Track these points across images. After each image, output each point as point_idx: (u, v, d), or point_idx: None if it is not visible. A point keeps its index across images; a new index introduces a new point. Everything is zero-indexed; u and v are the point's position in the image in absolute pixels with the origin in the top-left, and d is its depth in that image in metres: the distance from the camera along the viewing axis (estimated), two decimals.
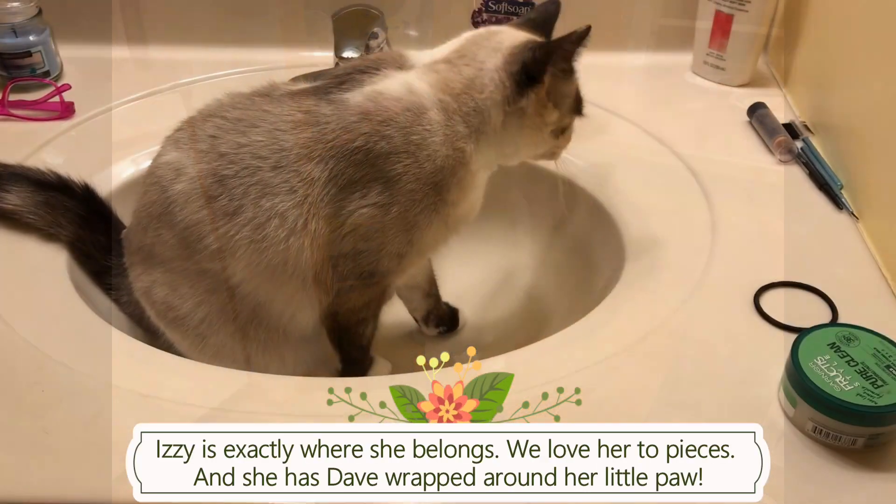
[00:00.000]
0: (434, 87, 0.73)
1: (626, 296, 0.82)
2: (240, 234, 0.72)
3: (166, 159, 0.76)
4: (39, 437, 0.66)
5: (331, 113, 0.71)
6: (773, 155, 0.98)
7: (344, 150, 0.70)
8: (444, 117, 0.72)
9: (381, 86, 0.73)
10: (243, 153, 0.72)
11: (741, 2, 1.06)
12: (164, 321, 0.80)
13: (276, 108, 0.73)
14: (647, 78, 1.14)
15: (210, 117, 0.75)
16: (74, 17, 1.14)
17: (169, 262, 0.77)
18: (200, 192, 0.73)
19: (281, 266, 0.73)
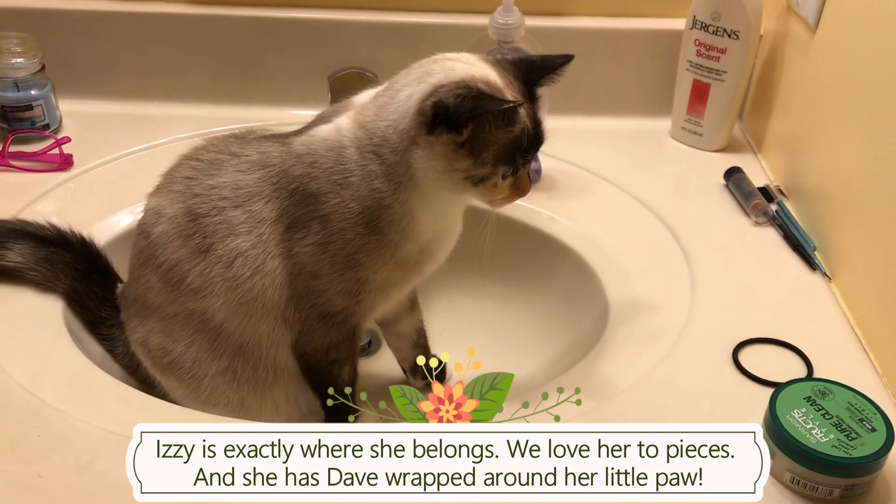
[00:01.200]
0: (354, 122, 0.74)
1: (610, 350, 0.84)
2: (213, 271, 0.75)
3: (149, 205, 0.80)
4: (34, 481, 0.67)
5: (277, 155, 0.75)
6: (749, 217, 1.02)
7: (284, 190, 0.74)
8: (359, 155, 0.72)
9: (317, 130, 0.76)
10: (213, 193, 0.75)
11: (717, 72, 1.11)
12: (160, 367, 0.81)
13: (241, 150, 0.77)
14: (628, 142, 1.18)
15: (187, 160, 0.80)
16: (75, 73, 1.17)
17: (161, 309, 0.79)
18: (178, 233, 0.76)
19: (253, 303, 0.76)
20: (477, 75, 0.71)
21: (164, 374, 0.82)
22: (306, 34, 1.16)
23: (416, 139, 0.70)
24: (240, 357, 0.78)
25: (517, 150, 0.71)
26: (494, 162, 0.71)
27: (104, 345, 0.90)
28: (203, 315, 0.77)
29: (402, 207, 0.73)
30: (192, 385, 0.80)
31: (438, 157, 0.70)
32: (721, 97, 1.12)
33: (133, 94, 1.19)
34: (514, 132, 0.71)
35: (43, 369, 0.79)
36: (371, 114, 0.73)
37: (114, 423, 0.72)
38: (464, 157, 0.70)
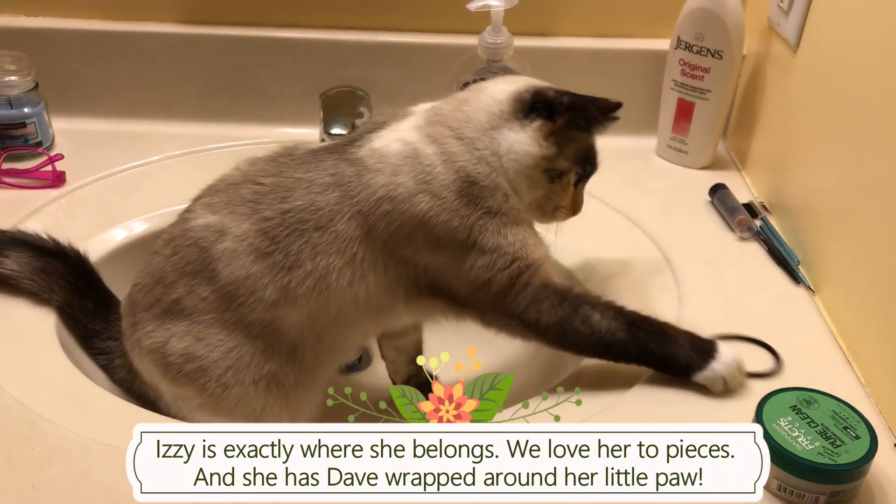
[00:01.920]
0: (423, 124, 0.79)
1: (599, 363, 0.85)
2: (302, 285, 0.76)
3: (202, 222, 0.79)
4: (29, 493, 0.67)
5: (352, 173, 0.77)
6: (734, 232, 1.04)
7: (367, 206, 0.76)
8: (438, 146, 0.77)
9: (380, 146, 0.78)
10: (289, 217, 0.76)
11: (702, 91, 1.14)
12: (177, 375, 0.79)
13: (307, 174, 0.78)
14: (615, 160, 1.18)
15: (242, 184, 0.80)
16: (68, 91, 1.18)
17: (198, 315, 0.79)
18: (250, 251, 0.76)
19: (349, 306, 0.78)
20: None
21: (181, 381, 0.80)
22: (298, 54, 1.18)
23: (507, 122, 0.77)
24: (290, 359, 0.79)
25: (589, 159, 0.82)
26: (574, 160, 0.80)
27: (98, 360, 0.90)
28: (269, 324, 0.78)
29: (493, 179, 0.77)
30: (217, 393, 0.79)
31: (527, 141, 0.77)
32: (705, 115, 1.15)
33: (126, 113, 1.20)
34: (591, 140, 0.81)
35: (37, 382, 0.79)
36: (451, 108, 0.79)
37: (108, 435, 0.72)
38: (552, 145, 0.77)
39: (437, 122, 0.79)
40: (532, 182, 0.79)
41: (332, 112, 1.04)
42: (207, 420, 0.80)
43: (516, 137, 0.77)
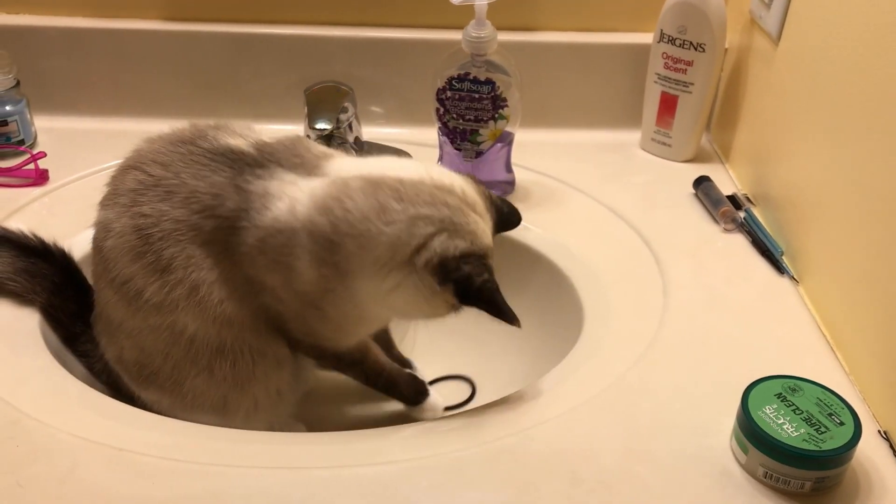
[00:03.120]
0: (317, 206, 0.71)
1: (585, 354, 0.86)
2: (174, 291, 0.74)
3: (98, 219, 0.78)
4: (14, 490, 0.67)
5: (232, 208, 0.73)
6: (718, 224, 1.04)
7: (237, 248, 0.73)
8: (311, 242, 0.71)
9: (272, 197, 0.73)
10: (165, 221, 0.73)
11: (685, 84, 1.14)
12: (139, 381, 0.81)
13: (193, 180, 0.74)
14: (598, 153, 1.20)
15: (130, 170, 0.77)
16: (50, 89, 1.17)
17: (124, 324, 0.78)
18: (128, 249, 0.74)
19: (229, 320, 0.76)
20: (480, 234, 0.74)
21: (145, 387, 0.81)
22: (282, 50, 1.18)
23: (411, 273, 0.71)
24: (218, 355, 0.77)
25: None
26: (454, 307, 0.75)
27: (82, 361, 0.89)
28: (172, 328, 0.76)
29: (346, 294, 0.74)
30: (176, 391, 0.79)
31: (420, 298, 0.73)
32: (689, 108, 1.15)
33: (108, 110, 1.20)
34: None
35: (21, 380, 0.78)
36: (359, 213, 0.71)
37: (93, 433, 0.72)
38: (441, 305, 0.74)
39: (328, 214, 0.71)
40: (400, 318, 0.89)
41: (316, 107, 1.03)
42: (183, 417, 0.79)
43: (408, 289, 0.73)
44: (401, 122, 1.22)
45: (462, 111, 1.04)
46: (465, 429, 0.76)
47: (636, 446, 0.73)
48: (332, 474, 0.70)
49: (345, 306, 0.75)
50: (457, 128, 1.06)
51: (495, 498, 0.68)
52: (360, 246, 0.70)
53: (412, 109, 1.20)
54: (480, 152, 1.07)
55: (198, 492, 0.67)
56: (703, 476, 0.71)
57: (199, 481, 0.68)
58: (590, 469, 0.71)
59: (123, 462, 0.70)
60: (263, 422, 0.83)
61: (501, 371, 1.00)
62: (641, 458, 0.72)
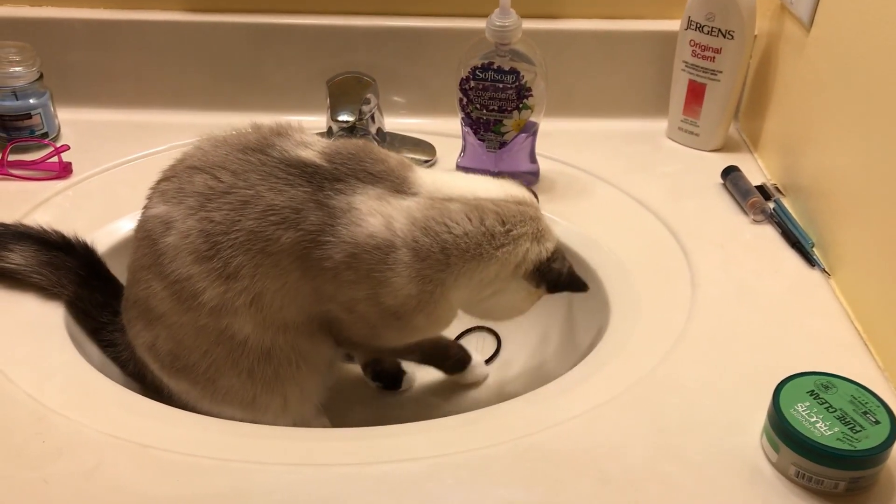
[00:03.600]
0: (417, 225, 0.74)
1: (612, 349, 0.84)
2: (239, 299, 0.74)
3: (155, 212, 0.77)
4: (40, 487, 0.67)
5: (316, 222, 0.73)
6: (747, 215, 1.02)
7: (318, 263, 0.74)
8: (413, 257, 0.74)
9: (363, 213, 0.74)
10: (237, 231, 0.73)
11: (713, 72, 1.12)
12: (171, 371, 0.80)
13: (269, 192, 0.74)
14: (625, 143, 1.19)
15: (198, 171, 0.76)
16: (73, 82, 1.17)
17: (166, 317, 0.78)
18: (191, 250, 0.74)
19: (286, 325, 0.77)
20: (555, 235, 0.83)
21: (176, 377, 0.81)
22: (304, 40, 1.17)
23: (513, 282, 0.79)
24: (264, 360, 0.78)
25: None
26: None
27: (108, 352, 0.89)
28: (223, 331, 0.76)
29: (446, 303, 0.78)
30: (208, 387, 0.79)
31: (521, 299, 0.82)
32: (717, 97, 1.13)
33: (131, 102, 1.19)
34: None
35: (47, 376, 0.78)
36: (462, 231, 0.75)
37: (119, 429, 0.72)
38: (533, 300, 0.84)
39: (434, 237, 0.74)
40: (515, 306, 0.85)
41: (338, 99, 1.02)
42: (208, 409, 0.80)
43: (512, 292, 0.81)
44: (424, 113, 1.21)
45: (486, 101, 1.03)
46: (492, 425, 0.75)
47: (665, 444, 0.72)
48: (356, 471, 0.69)
49: (434, 316, 0.78)
50: (480, 118, 1.04)
51: (523, 496, 0.68)
52: (471, 268, 0.76)
53: (435, 100, 1.19)
54: (504, 143, 1.06)
55: (221, 489, 0.67)
56: (734, 475, 0.70)
57: (223, 478, 0.68)
58: (618, 467, 0.70)
59: (148, 459, 0.69)
60: (290, 418, 0.83)
61: (524, 366, 0.99)
62: (670, 455, 0.71)
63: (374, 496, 0.67)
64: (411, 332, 0.81)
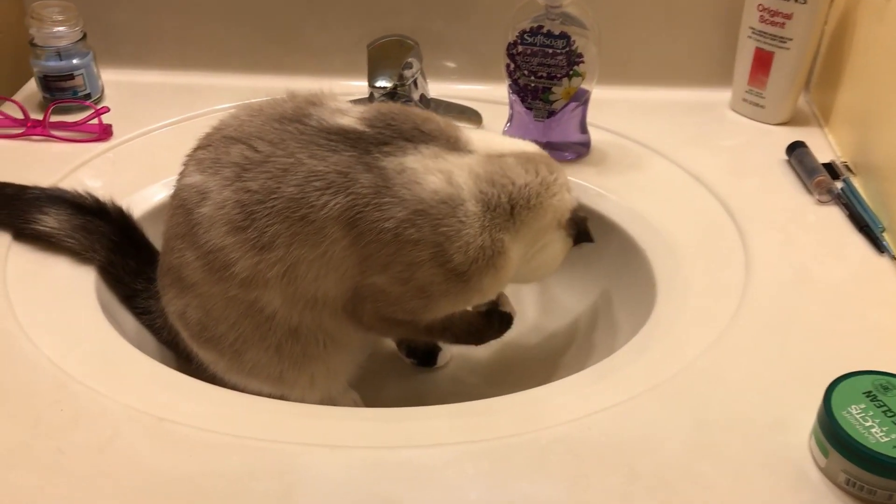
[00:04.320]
0: (482, 178, 0.74)
1: (655, 335, 0.80)
2: (271, 270, 0.72)
3: (190, 181, 0.75)
4: (55, 457, 0.66)
5: (367, 184, 0.71)
6: (812, 195, 0.95)
7: (373, 226, 0.70)
8: (481, 208, 0.73)
9: (419, 173, 0.72)
10: (275, 200, 0.71)
11: (782, 39, 1.04)
12: (199, 341, 0.80)
13: (311, 160, 0.71)
14: (683, 114, 1.12)
15: (234, 142, 0.74)
16: (117, 43, 1.16)
17: (198, 286, 0.76)
18: (225, 221, 0.72)
19: (315, 299, 0.74)
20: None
21: (205, 347, 0.80)
22: (348, 2, 1.13)
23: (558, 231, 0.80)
24: (291, 336, 0.77)
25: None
26: None
27: (142, 319, 0.89)
28: (253, 303, 0.75)
29: (514, 254, 0.76)
30: (235, 359, 0.79)
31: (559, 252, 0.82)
32: (785, 66, 1.05)
33: (174, 64, 1.18)
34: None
35: (72, 343, 0.78)
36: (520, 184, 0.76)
37: (138, 401, 0.71)
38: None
39: (501, 188, 0.75)
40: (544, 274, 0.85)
41: (378, 64, 0.99)
42: (236, 381, 0.79)
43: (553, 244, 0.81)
44: (472, 79, 1.16)
45: (534, 67, 0.98)
46: (519, 413, 0.71)
47: (702, 441, 0.67)
48: (373, 455, 0.66)
49: (499, 274, 0.76)
50: (528, 85, 0.99)
51: (545, 491, 0.64)
52: (531, 218, 0.76)
53: (484, 65, 1.14)
54: (553, 112, 1.00)
55: (233, 467, 0.65)
56: (776, 478, 0.64)
57: (235, 455, 0.66)
58: (649, 464, 0.65)
59: (162, 432, 0.68)
60: (318, 394, 0.81)
61: (565, 346, 0.95)
62: (707, 453, 0.66)
63: (388, 483, 0.64)
64: (471, 295, 0.76)
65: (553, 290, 1.02)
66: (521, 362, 0.96)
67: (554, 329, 1.00)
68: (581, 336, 0.96)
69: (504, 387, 0.76)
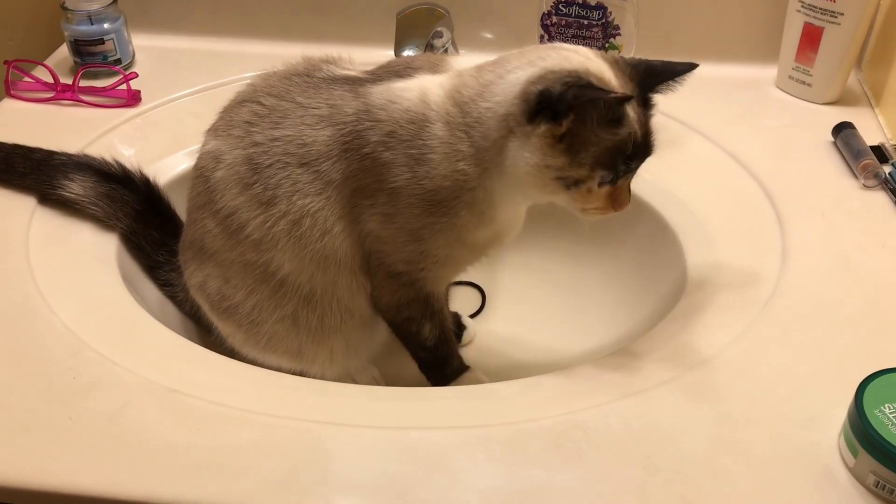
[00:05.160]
0: (447, 95, 0.69)
1: (682, 322, 0.77)
2: (277, 226, 0.71)
3: (207, 148, 0.76)
4: (65, 424, 0.66)
5: (352, 112, 0.70)
6: (857, 179, 0.91)
7: (356, 153, 0.69)
8: (448, 132, 0.68)
9: (398, 90, 0.70)
10: (275, 146, 0.71)
11: (833, 14, 0.99)
12: (218, 312, 0.80)
13: (308, 100, 0.71)
14: (726, 91, 1.08)
15: (245, 102, 0.74)
16: (149, 7, 1.16)
17: (218, 254, 0.76)
18: (236, 180, 0.72)
19: (325, 260, 0.73)
20: (592, 69, 0.66)
21: (223, 319, 0.80)
22: None
23: (514, 128, 0.65)
24: (306, 305, 0.76)
25: (620, 156, 0.66)
26: (593, 165, 0.65)
27: (164, 290, 0.89)
28: (266, 267, 0.74)
29: (483, 193, 0.69)
30: (251, 331, 0.78)
31: (532, 150, 0.65)
32: (835, 43, 1.00)
33: (206, 30, 1.18)
34: (619, 134, 0.65)
35: (88, 310, 0.78)
36: (472, 92, 0.68)
37: (151, 370, 0.71)
38: (560, 153, 0.65)
39: (458, 104, 0.68)
40: (543, 190, 0.68)
41: (405, 32, 0.96)
42: (254, 356, 0.79)
43: (520, 149, 0.65)
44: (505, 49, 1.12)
45: (568, 39, 0.95)
46: (536, 397, 0.69)
47: (726, 434, 0.65)
48: (383, 435, 0.65)
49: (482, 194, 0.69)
50: None
51: (559, 479, 0.62)
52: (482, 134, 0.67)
53: (520, 35, 1.10)
54: None
55: (242, 442, 0.64)
56: (802, 476, 0.62)
57: (244, 430, 0.65)
58: (669, 456, 0.63)
59: (173, 404, 0.67)
60: (338, 370, 0.80)
61: (591, 328, 0.92)
62: (730, 448, 0.64)
63: (397, 465, 0.63)
64: (459, 233, 0.71)
65: (578, 269, 0.99)
66: (543, 345, 0.94)
67: (579, 312, 0.97)
68: (606, 318, 0.94)
69: (524, 370, 0.74)
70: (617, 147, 0.65)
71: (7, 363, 0.71)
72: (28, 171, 0.89)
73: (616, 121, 0.65)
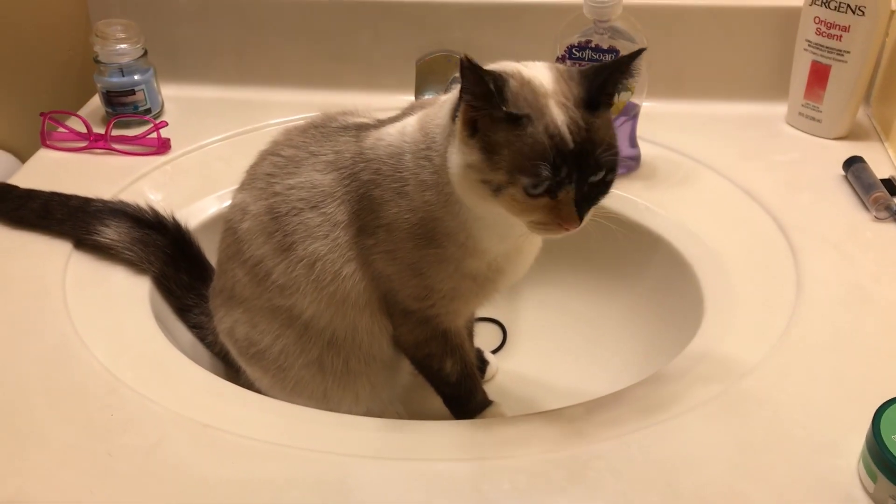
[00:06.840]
0: (419, 125, 0.71)
1: (700, 353, 0.78)
2: (296, 271, 0.74)
3: (234, 202, 0.80)
4: (103, 459, 0.68)
5: (350, 157, 0.73)
6: (869, 212, 0.93)
7: (354, 194, 0.72)
8: (413, 162, 0.69)
9: (387, 129, 0.73)
10: (291, 193, 0.74)
11: (839, 52, 1.02)
12: (246, 357, 0.82)
13: (319, 148, 0.75)
14: (738, 128, 1.10)
15: (267, 156, 0.78)
16: (177, 58, 1.20)
17: (247, 301, 0.79)
18: (261, 230, 0.75)
19: (343, 303, 0.75)
20: (525, 73, 0.64)
21: (250, 364, 0.82)
22: (400, 17, 1.15)
23: (450, 134, 0.66)
24: (331, 349, 0.78)
25: (542, 163, 0.60)
26: (510, 168, 0.62)
27: (194, 332, 0.92)
28: (291, 311, 0.76)
29: (454, 221, 0.69)
30: (279, 376, 0.80)
31: (456, 150, 0.64)
32: (843, 80, 1.03)
33: (232, 80, 1.22)
34: (525, 135, 0.61)
35: (123, 349, 0.80)
36: (433, 113, 0.71)
37: (184, 407, 0.73)
38: (475, 150, 0.63)
39: (422, 128, 0.70)
40: (474, 195, 0.65)
41: (424, 78, 1.00)
42: (282, 399, 0.79)
43: (451, 153, 0.65)
44: None
45: None
46: (559, 429, 0.71)
47: (746, 461, 0.66)
48: (410, 467, 0.67)
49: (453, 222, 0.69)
50: None
51: None
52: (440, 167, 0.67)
53: None
54: None
55: (272, 475, 0.66)
56: (823, 502, 0.63)
57: (276, 463, 0.67)
58: (690, 483, 0.64)
59: (206, 439, 0.69)
60: (363, 410, 0.81)
61: (609, 362, 0.94)
62: (751, 474, 0.65)
63: (424, 495, 0.64)
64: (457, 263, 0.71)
65: (597, 303, 1.01)
66: (564, 379, 0.96)
67: (598, 345, 0.98)
68: (625, 352, 0.95)
69: (546, 402, 0.75)
70: (532, 151, 0.61)
71: (46, 401, 0.73)
72: (65, 217, 0.93)
73: (514, 120, 0.61)
